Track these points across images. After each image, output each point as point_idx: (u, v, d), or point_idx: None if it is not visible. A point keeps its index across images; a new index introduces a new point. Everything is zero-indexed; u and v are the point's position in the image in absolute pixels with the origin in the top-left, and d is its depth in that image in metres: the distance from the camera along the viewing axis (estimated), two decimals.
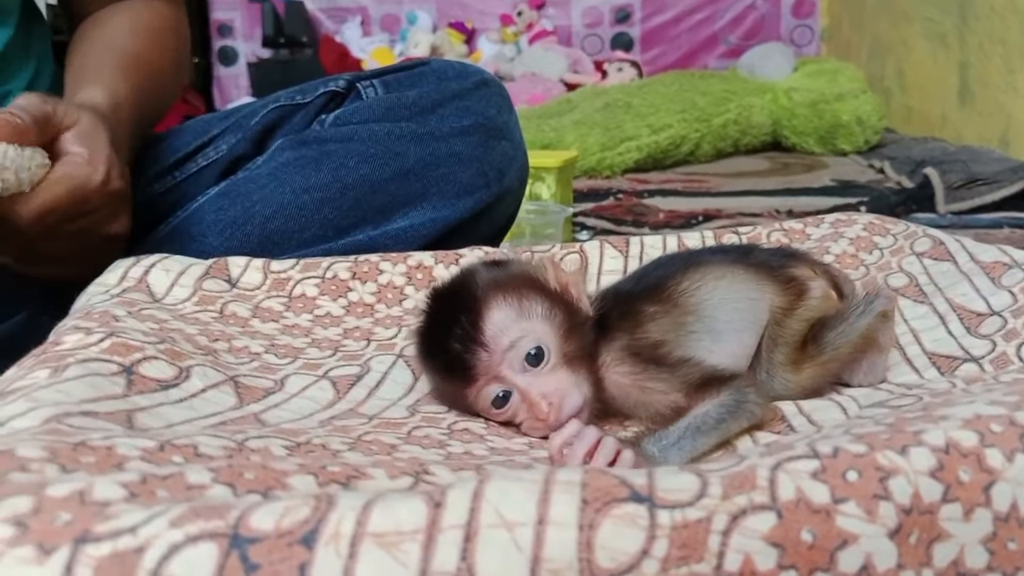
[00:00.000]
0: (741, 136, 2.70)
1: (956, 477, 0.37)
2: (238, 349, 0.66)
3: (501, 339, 0.58)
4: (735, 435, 0.57)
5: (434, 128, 0.98)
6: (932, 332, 0.71)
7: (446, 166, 0.96)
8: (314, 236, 0.94)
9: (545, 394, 0.58)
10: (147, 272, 0.76)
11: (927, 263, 0.80)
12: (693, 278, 0.65)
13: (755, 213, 2.04)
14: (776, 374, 0.64)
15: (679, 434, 0.56)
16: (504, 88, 1.07)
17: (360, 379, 0.64)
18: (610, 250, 0.86)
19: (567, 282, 0.63)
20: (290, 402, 0.59)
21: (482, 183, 0.98)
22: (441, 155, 0.96)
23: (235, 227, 0.94)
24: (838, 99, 2.55)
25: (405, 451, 0.50)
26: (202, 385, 0.56)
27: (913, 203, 1.88)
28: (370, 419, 0.57)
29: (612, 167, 2.49)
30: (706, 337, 0.64)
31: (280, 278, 0.79)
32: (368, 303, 0.78)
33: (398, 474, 0.42)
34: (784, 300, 0.65)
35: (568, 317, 0.60)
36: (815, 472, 0.36)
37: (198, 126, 1.09)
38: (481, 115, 1.00)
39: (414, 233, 0.96)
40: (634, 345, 0.62)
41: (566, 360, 0.59)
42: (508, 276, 0.61)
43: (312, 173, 0.95)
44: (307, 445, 0.48)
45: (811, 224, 0.91)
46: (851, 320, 0.65)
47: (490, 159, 0.99)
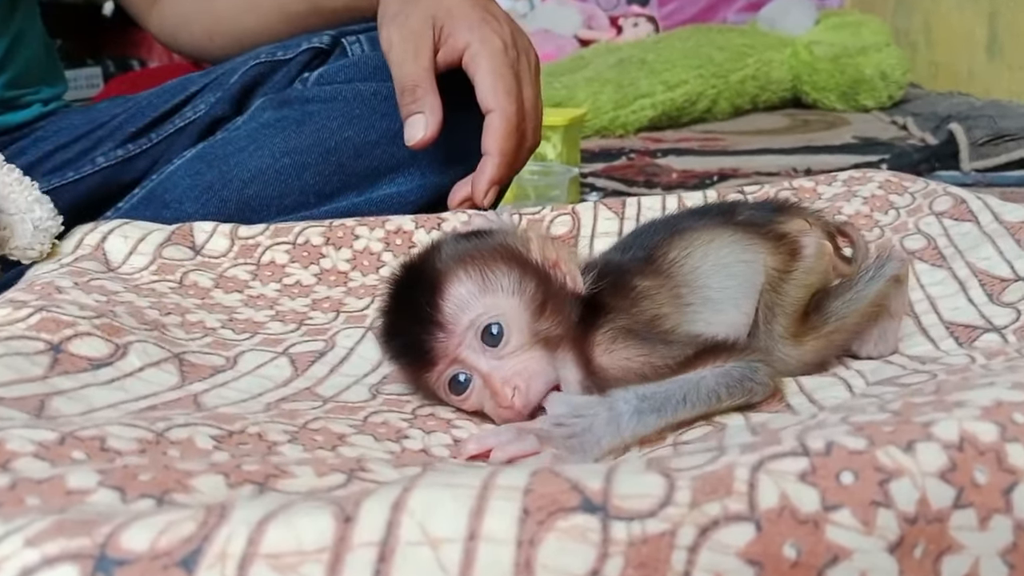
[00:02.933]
0: (760, 92, 2.61)
1: (971, 478, 0.32)
2: (191, 324, 0.61)
3: (460, 317, 0.52)
4: (725, 409, 0.52)
5: None
6: (951, 299, 0.65)
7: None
8: (295, 203, 0.89)
9: (507, 378, 0.51)
10: (104, 239, 0.71)
11: (947, 223, 0.74)
12: (680, 246, 0.59)
13: (772, 172, 1.97)
14: (775, 347, 0.58)
15: (662, 398, 0.50)
16: None
17: (323, 355, 0.59)
18: (605, 211, 0.80)
19: (555, 258, 0.56)
20: (240, 381, 0.54)
21: (474, 147, 0.92)
22: None
23: (211, 192, 0.88)
24: (861, 53, 2.45)
25: (354, 443, 0.45)
26: (140, 363, 0.51)
27: (936, 160, 1.80)
28: (325, 402, 0.52)
29: (625, 126, 2.41)
30: (703, 308, 0.58)
31: (248, 244, 0.73)
32: (342, 271, 0.73)
33: (328, 471, 0.37)
34: (778, 260, 0.59)
35: (544, 292, 0.54)
36: (803, 474, 0.31)
37: (178, 84, 1.04)
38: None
39: (401, 200, 0.90)
40: (630, 323, 0.56)
41: (539, 339, 0.53)
42: (477, 248, 0.55)
43: (293, 136, 0.89)
44: (240, 435, 0.43)
45: (823, 182, 0.84)
46: (859, 286, 0.59)
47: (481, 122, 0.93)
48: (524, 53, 0.86)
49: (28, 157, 0.97)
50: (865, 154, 2.00)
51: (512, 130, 0.80)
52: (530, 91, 0.85)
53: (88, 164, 0.97)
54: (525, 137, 0.84)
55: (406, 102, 0.81)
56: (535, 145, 0.88)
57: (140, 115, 0.99)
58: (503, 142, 0.79)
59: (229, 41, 1.07)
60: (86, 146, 0.98)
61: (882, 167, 1.84)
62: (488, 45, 0.81)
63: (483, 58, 0.81)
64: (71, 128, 1.00)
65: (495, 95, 0.80)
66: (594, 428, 0.49)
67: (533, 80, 0.87)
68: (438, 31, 0.83)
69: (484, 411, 0.54)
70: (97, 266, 0.67)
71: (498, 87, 0.80)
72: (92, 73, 3.26)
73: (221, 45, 1.08)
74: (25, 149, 0.98)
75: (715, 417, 0.52)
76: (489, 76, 0.80)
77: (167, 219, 0.86)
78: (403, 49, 0.82)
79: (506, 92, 0.80)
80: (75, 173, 0.97)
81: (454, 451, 0.49)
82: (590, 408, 0.50)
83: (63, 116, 1.04)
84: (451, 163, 0.90)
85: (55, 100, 1.09)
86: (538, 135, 0.88)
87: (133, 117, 0.99)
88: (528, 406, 0.52)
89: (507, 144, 0.80)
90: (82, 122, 1.00)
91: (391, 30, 0.84)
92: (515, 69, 0.82)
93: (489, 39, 0.82)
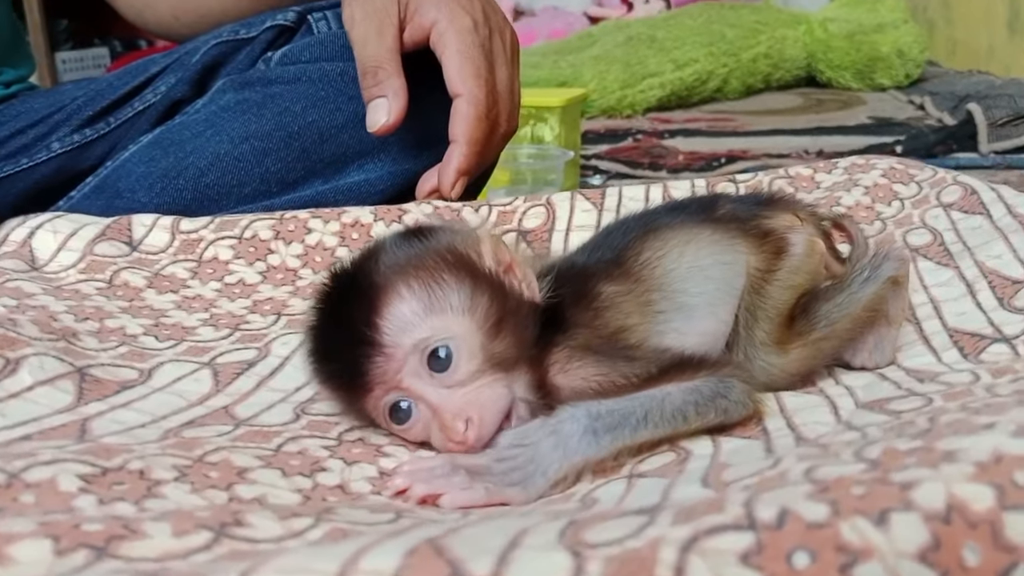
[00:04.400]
0: (772, 71, 2.51)
1: (958, 560, 0.25)
2: (109, 330, 0.55)
3: (402, 339, 0.45)
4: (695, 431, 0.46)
5: None
6: (957, 303, 0.58)
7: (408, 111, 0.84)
8: (255, 191, 0.83)
9: (459, 411, 0.45)
10: (32, 234, 0.65)
11: (956, 216, 0.67)
12: (654, 246, 0.52)
13: (783, 154, 1.90)
14: (756, 356, 0.52)
15: (619, 416, 0.44)
16: None
17: (252, 366, 0.53)
18: (582, 203, 0.73)
19: (509, 261, 0.50)
20: (147, 400, 0.48)
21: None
22: None
23: (166, 181, 0.82)
24: (877, 30, 2.36)
25: (255, 479, 0.39)
26: (31, 381, 0.46)
27: (953, 141, 1.73)
28: (237, 425, 0.46)
29: (633, 106, 2.33)
30: (676, 316, 0.51)
31: (190, 239, 0.68)
32: (291, 267, 0.67)
33: (191, 529, 0.31)
34: (761, 260, 0.53)
35: (500, 309, 0.47)
36: (746, 554, 0.25)
37: (140, 65, 0.98)
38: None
39: (370, 188, 0.84)
40: (590, 338, 0.49)
41: (493, 363, 0.46)
42: (421, 255, 0.47)
43: (253, 119, 0.83)
44: (117, 472, 0.37)
45: (822, 170, 0.77)
46: (852, 288, 0.53)
47: None
48: (498, 32, 0.79)
49: None
50: (880, 135, 1.92)
51: (481, 116, 0.73)
52: (504, 73, 0.78)
53: (43, 150, 0.91)
54: (497, 123, 0.77)
55: (368, 85, 0.75)
56: (510, 132, 0.81)
57: (99, 97, 0.93)
58: (471, 129, 0.73)
59: (194, 19, 1.00)
60: (42, 131, 0.92)
61: (897, 149, 1.76)
62: (456, 23, 0.75)
63: (450, 37, 0.74)
64: (30, 112, 0.94)
65: (462, 78, 0.73)
66: (538, 458, 0.43)
67: (509, 61, 0.80)
68: (403, 7, 0.76)
69: (430, 442, 0.47)
70: (18, 264, 0.61)
71: (465, 69, 0.73)
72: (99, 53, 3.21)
73: (187, 23, 1.01)
74: None
75: (681, 441, 0.45)
76: (456, 57, 0.74)
77: (119, 209, 0.80)
78: (366, 27, 0.76)
79: (475, 75, 0.73)
80: (29, 160, 0.91)
81: (378, 485, 0.43)
82: (534, 434, 0.44)
83: (24, 99, 0.98)
84: (424, 148, 0.84)
85: (18, 82, 1.03)
86: (514, 121, 0.81)
87: (92, 100, 0.93)
88: (482, 440, 0.45)
89: (475, 131, 0.73)
90: (42, 105, 0.95)
91: (353, 7, 0.78)
92: (486, 49, 0.76)
93: (458, 16, 0.75)
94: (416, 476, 0.42)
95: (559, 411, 0.45)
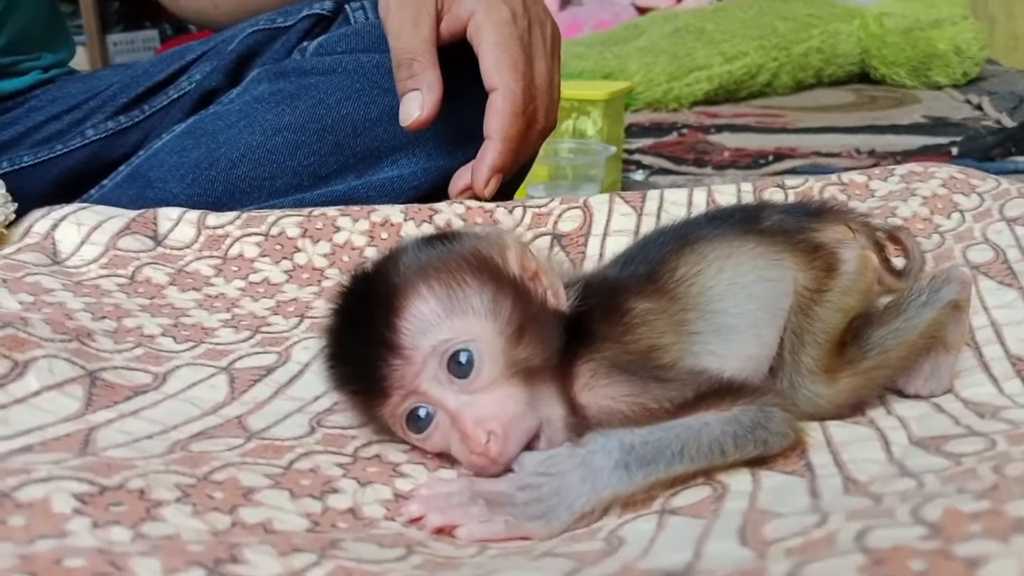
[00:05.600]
0: (824, 66, 2.45)
1: None
2: (127, 330, 0.53)
3: (421, 341, 0.43)
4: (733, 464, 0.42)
5: None
6: (1020, 327, 0.55)
7: (444, 105, 0.82)
8: (287, 184, 0.81)
9: (480, 419, 0.42)
10: (55, 226, 0.64)
11: (1020, 232, 0.63)
12: (691, 261, 0.49)
13: (833, 152, 1.84)
14: (802, 384, 0.48)
15: (654, 449, 0.41)
16: None
17: (270, 373, 0.51)
18: (621, 206, 0.70)
19: (535, 269, 0.47)
20: (158, 407, 0.46)
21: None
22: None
23: (197, 172, 0.81)
24: (934, 26, 2.28)
25: (261, 500, 0.37)
26: (38, 386, 0.44)
27: (1013, 145, 1.67)
28: (249, 438, 0.43)
29: (679, 99, 2.28)
30: (713, 338, 0.48)
31: (216, 235, 0.66)
32: (318, 267, 0.65)
33: (183, 566, 0.28)
34: (810, 278, 0.49)
35: (524, 314, 0.44)
36: None
37: (176, 52, 0.96)
38: None
39: (403, 184, 0.81)
40: (619, 354, 0.46)
41: (516, 371, 0.43)
42: (444, 257, 0.45)
43: (286, 111, 0.81)
44: (116, 492, 0.35)
45: (877, 177, 0.73)
46: (909, 313, 0.49)
47: None
48: (538, 24, 0.76)
49: (18, 127, 0.91)
50: (934, 135, 1.86)
51: (517, 111, 0.70)
52: (543, 67, 0.75)
53: (77, 137, 0.90)
54: (535, 119, 0.74)
55: (402, 77, 0.73)
56: (549, 128, 0.78)
57: (134, 84, 0.92)
58: (506, 125, 0.70)
59: (233, 6, 0.99)
60: (77, 117, 0.91)
61: (952, 150, 1.70)
62: (494, 14, 0.72)
63: (487, 29, 0.71)
64: (67, 97, 0.93)
65: (498, 71, 0.70)
66: (564, 490, 0.40)
67: (548, 54, 0.77)
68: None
69: (450, 453, 0.45)
70: (39, 258, 0.60)
71: (502, 62, 0.70)
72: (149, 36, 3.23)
73: (225, 11, 1.00)
74: (17, 119, 0.92)
75: (719, 473, 0.42)
76: (493, 50, 0.71)
77: (150, 199, 0.79)
78: (401, 16, 0.74)
79: (511, 68, 0.70)
80: (63, 146, 0.90)
81: (392, 510, 0.40)
82: (561, 463, 0.41)
83: (61, 84, 0.97)
84: (460, 145, 0.81)
85: (57, 67, 1.02)
86: (552, 116, 0.78)
87: (127, 87, 0.92)
88: (505, 456, 0.43)
89: (511, 127, 0.70)
90: (79, 91, 0.94)
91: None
92: (524, 42, 0.73)
93: (496, 7, 0.72)
94: (432, 504, 0.40)
95: (590, 440, 0.42)
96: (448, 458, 0.45)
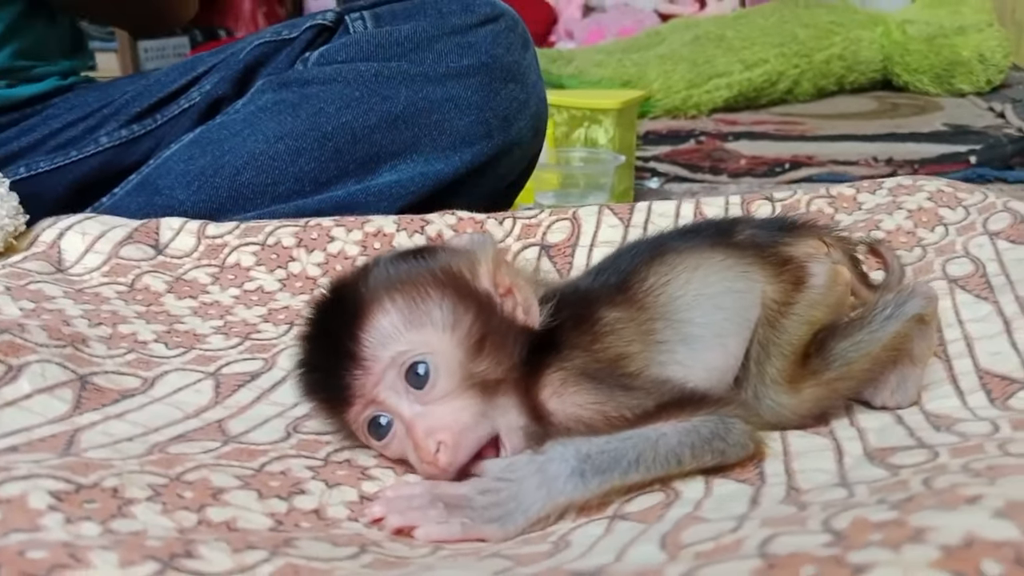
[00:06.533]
0: (846, 73, 2.44)
1: None
2: (121, 336, 0.56)
3: (381, 352, 0.44)
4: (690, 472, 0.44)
5: (429, 68, 0.85)
6: (992, 341, 0.55)
7: (440, 112, 0.83)
8: (289, 190, 0.83)
9: (433, 429, 0.44)
10: (61, 236, 0.67)
11: (1002, 246, 0.63)
12: (660, 271, 0.50)
13: (850, 161, 1.84)
14: (765, 395, 0.49)
15: (610, 458, 0.43)
16: (521, 23, 0.92)
17: (255, 378, 0.53)
18: (609, 217, 0.72)
19: (508, 285, 0.48)
20: (143, 411, 0.48)
21: (483, 132, 0.85)
22: (435, 99, 0.84)
23: (203, 179, 0.84)
24: (959, 33, 2.26)
25: (229, 501, 0.39)
26: (29, 389, 0.46)
27: None
28: (226, 442, 0.46)
29: (698, 106, 2.28)
30: (680, 347, 0.49)
31: (215, 244, 0.68)
32: (312, 276, 0.67)
33: (139, 560, 0.31)
34: (778, 290, 0.51)
35: (485, 328, 0.46)
36: None
37: (189, 63, 0.99)
38: (485, 53, 0.86)
39: (401, 189, 0.83)
40: (588, 363, 0.48)
41: (473, 383, 0.45)
42: (412, 272, 0.47)
43: (288, 119, 0.84)
44: (90, 490, 0.37)
45: (865, 190, 0.74)
46: (873, 326, 0.50)
47: (494, 105, 0.86)
48: None
49: (36, 134, 0.94)
50: (954, 143, 1.85)
51: None
52: None
53: (91, 144, 0.93)
54: None
55: None
56: None
57: (147, 94, 0.95)
58: None
59: None
60: (91, 124, 0.94)
61: (971, 158, 1.69)
62: None
63: None
64: (83, 105, 0.96)
65: None
66: (521, 496, 0.42)
67: None
68: None
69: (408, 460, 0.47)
70: (44, 267, 0.62)
71: None
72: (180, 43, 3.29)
73: None
74: (35, 126, 0.95)
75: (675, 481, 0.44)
76: None
77: (158, 206, 0.82)
78: None
79: None
80: (78, 152, 0.93)
81: (356, 511, 0.42)
82: (520, 469, 0.43)
83: (79, 92, 1.00)
84: (456, 148, 0.83)
85: (74, 74, 1.06)
86: None
87: (140, 96, 0.95)
88: (454, 465, 0.44)
89: None
90: (95, 99, 0.97)
91: None
92: None
93: None
94: (393, 506, 0.42)
95: (548, 447, 0.43)
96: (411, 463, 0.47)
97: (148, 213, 0.77)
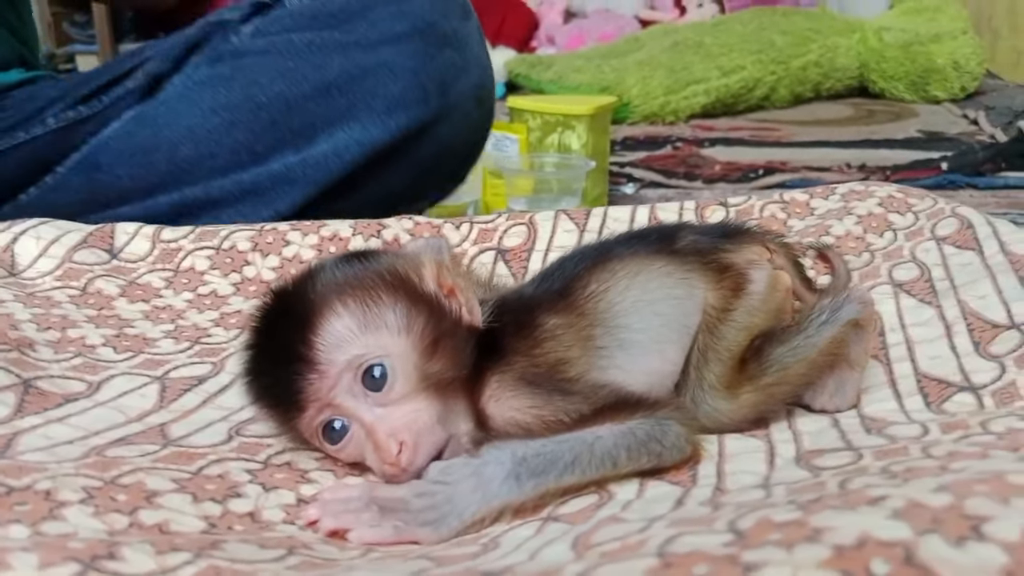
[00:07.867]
0: (823, 80, 2.46)
1: None
2: (69, 340, 0.56)
3: (336, 357, 0.45)
4: (627, 475, 0.44)
5: (361, 36, 0.86)
6: (932, 345, 0.56)
7: (374, 78, 0.85)
8: (227, 163, 0.85)
9: (395, 430, 0.44)
10: (15, 240, 0.67)
11: (947, 251, 0.64)
12: (601, 278, 0.51)
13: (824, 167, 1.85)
14: (703, 400, 0.50)
15: (546, 461, 0.43)
16: None
17: (202, 382, 0.54)
18: (565, 223, 0.72)
19: (451, 285, 0.49)
20: (86, 414, 0.48)
21: (418, 97, 0.86)
22: (368, 66, 0.85)
23: (143, 155, 0.85)
24: (934, 40, 2.28)
25: (162, 504, 0.39)
26: None
27: (1003, 160, 1.66)
28: (165, 445, 0.46)
29: (676, 112, 2.30)
30: (618, 353, 0.50)
31: (169, 248, 0.68)
32: (266, 280, 0.67)
33: (59, 561, 0.31)
34: (718, 297, 0.51)
35: (437, 329, 0.46)
36: None
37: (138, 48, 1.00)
38: (420, 19, 0.87)
39: (337, 158, 0.85)
40: (527, 368, 0.48)
41: (429, 384, 0.46)
42: (360, 275, 0.47)
43: (222, 92, 0.85)
44: (22, 493, 0.37)
45: (819, 196, 0.75)
46: (809, 331, 0.51)
47: (429, 70, 0.87)
48: None
49: None
50: (927, 150, 1.87)
51: None
52: None
53: (38, 125, 0.94)
54: None
55: None
56: None
57: (96, 76, 0.96)
58: None
59: None
60: (40, 105, 0.95)
61: (943, 165, 1.71)
62: None
63: None
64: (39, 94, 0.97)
65: None
66: (456, 498, 0.42)
67: None
68: None
69: (363, 463, 0.47)
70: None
71: None
72: None
73: None
74: None
75: (611, 483, 0.44)
76: None
77: (100, 183, 0.83)
78: None
79: None
80: (26, 134, 0.94)
81: (292, 514, 0.43)
82: (456, 472, 0.43)
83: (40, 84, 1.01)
84: (391, 112, 0.84)
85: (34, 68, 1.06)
86: None
87: (88, 79, 0.96)
88: (414, 465, 0.45)
89: None
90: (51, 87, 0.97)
91: None
92: None
93: None
94: (328, 508, 0.42)
95: (484, 451, 0.44)
96: (358, 465, 0.47)
97: (90, 190, 0.79)
